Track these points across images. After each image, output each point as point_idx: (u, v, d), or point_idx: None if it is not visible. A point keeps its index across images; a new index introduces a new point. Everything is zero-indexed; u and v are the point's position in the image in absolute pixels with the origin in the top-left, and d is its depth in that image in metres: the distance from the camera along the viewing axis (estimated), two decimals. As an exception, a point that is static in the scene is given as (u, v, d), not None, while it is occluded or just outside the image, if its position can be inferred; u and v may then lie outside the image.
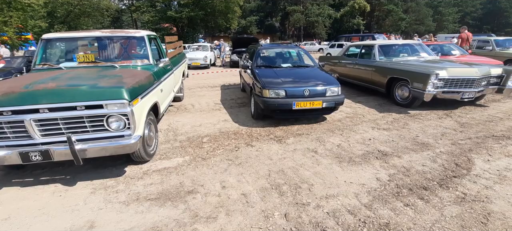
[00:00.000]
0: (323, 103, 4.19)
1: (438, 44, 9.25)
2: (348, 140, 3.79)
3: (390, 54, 6.40)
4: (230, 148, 3.62)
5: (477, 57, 7.83)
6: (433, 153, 3.28)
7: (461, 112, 4.91)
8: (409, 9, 50.18)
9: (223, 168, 3.08)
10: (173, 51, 5.62)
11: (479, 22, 52.69)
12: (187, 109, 5.71)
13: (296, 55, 5.79)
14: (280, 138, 3.94)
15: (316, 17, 41.08)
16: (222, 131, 4.33)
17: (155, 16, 27.48)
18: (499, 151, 3.24)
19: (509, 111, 4.89)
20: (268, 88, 4.24)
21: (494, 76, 5.02)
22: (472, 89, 4.81)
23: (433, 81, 4.61)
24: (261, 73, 4.82)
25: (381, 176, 2.78)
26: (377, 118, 4.79)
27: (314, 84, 4.34)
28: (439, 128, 4.14)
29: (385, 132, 4.05)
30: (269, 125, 4.52)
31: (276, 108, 4.22)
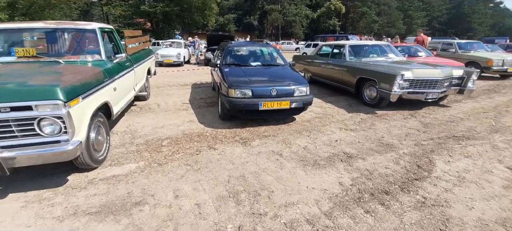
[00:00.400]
0: (291, 104, 4.06)
1: (406, 45, 9.56)
2: (315, 141, 3.68)
3: (360, 55, 6.45)
4: (190, 152, 3.37)
5: (441, 59, 8.16)
6: (397, 154, 3.26)
7: (425, 112, 5.02)
8: (382, 12, 52.27)
9: (180, 175, 2.83)
10: (135, 47, 5.22)
11: (445, 26, 56.16)
12: (151, 109, 5.35)
13: (267, 54, 5.63)
14: (245, 140, 3.74)
15: (294, 17, 41.46)
16: (186, 132, 4.05)
17: (128, 11, 26.16)
18: (458, 152, 3.29)
19: (469, 112, 5.07)
20: (234, 88, 4.03)
21: (456, 77, 5.19)
22: (436, 90, 4.92)
23: (398, 82, 4.66)
24: (229, 72, 4.60)
25: (344, 180, 2.68)
26: (346, 118, 4.75)
27: (282, 84, 4.19)
28: (404, 128, 4.17)
29: (352, 133, 4.00)
30: (236, 126, 4.31)
31: (242, 109, 4.02)
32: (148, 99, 6.16)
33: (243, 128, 4.21)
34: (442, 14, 56.31)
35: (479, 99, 6.13)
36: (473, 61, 8.99)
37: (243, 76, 4.36)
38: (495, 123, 4.36)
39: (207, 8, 29.75)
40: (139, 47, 5.46)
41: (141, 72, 5.26)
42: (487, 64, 8.59)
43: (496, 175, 2.77)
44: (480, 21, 54.66)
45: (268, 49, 5.71)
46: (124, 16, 26.32)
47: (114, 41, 4.26)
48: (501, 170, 2.86)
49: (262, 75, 4.58)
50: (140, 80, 5.27)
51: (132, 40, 5.12)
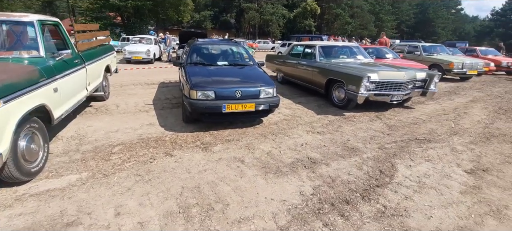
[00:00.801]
0: (257, 106, 3.88)
1: (375, 47, 9.80)
2: (280, 146, 3.53)
3: (330, 56, 6.43)
4: (144, 160, 3.06)
5: (407, 61, 8.45)
6: (361, 158, 3.19)
7: (390, 114, 5.08)
8: (355, 15, 54.13)
9: (127, 187, 2.52)
10: (89, 43, 4.75)
11: (412, 30, 59.41)
12: (109, 111, 4.91)
13: (235, 53, 5.40)
14: (207, 145, 3.50)
15: (271, 16, 41.58)
16: (142, 137, 3.72)
17: (96, 4, 24.54)
18: (420, 155, 3.30)
19: (431, 113, 5.22)
20: (195, 89, 3.76)
21: (419, 80, 5.32)
22: (400, 92, 5.00)
23: (365, 83, 4.66)
24: (192, 71, 4.31)
25: (305, 189, 2.54)
26: (314, 120, 4.67)
27: (248, 85, 4.00)
28: (369, 131, 4.16)
29: (319, 136, 3.91)
30: (199, 129, 4.05)
31: (205, 112, 3.78)
32: (107, 99, 5.68)
33: (207, 132, 3.96)
34: (410, 18, 59.51)
35: (441, 100, 6.38)
36: (436, 63, 9.43)
37: (207, 77, 4.10)
38: (454, 125, 4.50)
39: (182, 4, 28.85)
40: (93, 43, 4.98)
41: (96, 71, 4.81)
42: (448, 67, 9.04)
43: (454, 179, 2.79)
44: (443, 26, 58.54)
45: (237, 48, 5.49)
46: (91, 9, 24.69)
47: (61, 36, 3.80)
48: (459, 174, 2.88)
49: (228, 75, 4.36)
50: (95, 79, 4.81)
51: (84, 35, 4.64)
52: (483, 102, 6.37)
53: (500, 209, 2.33)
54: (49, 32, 3.75)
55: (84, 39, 4.55)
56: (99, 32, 5.59)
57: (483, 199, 2.47)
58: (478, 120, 4.90)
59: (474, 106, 5.94)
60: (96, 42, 5.09)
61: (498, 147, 3.69)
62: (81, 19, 25.03)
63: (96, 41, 5.10)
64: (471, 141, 3.82)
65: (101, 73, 5.14)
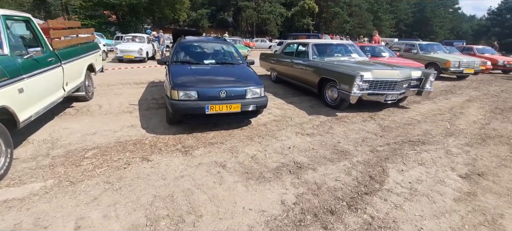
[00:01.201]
0: (243, 107, 3.67)
1: (371, 46, 9.62)
2: (266, 149, 3.33)
3: (323, 54, 6.24)
4: (117, 165, 2.85)
5: (403, 60, 8.27)
6: (350, 163, 3.00)
7: (384, 114, 4.90)
8: (353, 13, 54.01)
9: (93, 196, 2.31)
10: (67, 40, 4.52)
11: (410, 29, 59.36)
12: (90, 112, 4.69)
13: (223, 51, 5.19)
14: (188, 148, 3.30)
15: (268, 15, 41.32)
16: (121, 140, 3.51)
17: (89, 1, 24.20)
18: (413, 159, 3.11)
19: (426, 113, 5.04)
20: (177, 89, 3.55)
21: (414, 78, 5.13)
22: (395, 91, 4.82)
23: (358, 83, 4.47)
24: (175, 70, 4.10)
25: (287, 197, 2.34)
26: (305, 121, 4.48)
27: (233, 85, 3.79)
28: (362, 132, 3.97)
29: (308, 138, 3.71)
30: (183, 131, 3.84)
31: (187, 113, 3.57)
32: (91, 99, 5.46)
33: (190, 134, 3.75)
34: (408, 17, 59.47)
35: (437, 100, 6.20)
36: (433, 62, 9.26)
37: (191, 76, 3.89)
38: (450, 125, 4.32)
39: (178, 2, 28.52)
40: (73, 40, 4.74)
41: (76, 69, 4.58)
42: (445, 66, 8.88)
43: (448, 184, 2.60)
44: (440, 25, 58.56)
45: (225, 46, 5.27)
46: (85, 7, 24.34)
47: (33, 32, 3.57)
48: (453, 179, 2.70)
49: (213, 74, 4.15)
50: (75, 78, 4.58)
51: (60, 33, 4.41)
52: (480, 102, 6.20)
53: (495, 218, 2.15)
54: (24, 29, 3.53)
55: (62, 36, 4.32)
56: (81, 30, 5.36)
57: (478, 207, 2.29)
58: (474, 120, 4.73)
59: (470, 105, 5.77)
60: (76, 40, 4.86)
61: (494, 149, 3.51)
62: (74, 17, 24.70)
63: (76, 39, 4.86)
64: (467, 143, 3.63)
65: (82, 73, 4.92)
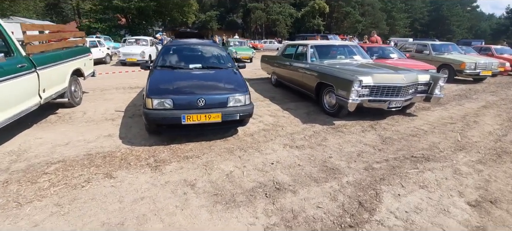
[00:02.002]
0: (223, 116, 3.33)
1: (380, 46, 9.08)
2: (246, 165, 2.98)
3: (323, 56, 5.81)
4: (76, 183, 2.58)
5: (413, 62, 7.71)
6: (339, 184, 2.60)
7: (387, 123, 4.42)
8: (366, 13, 52.75)
9: (34, 223, 2.04)
10: (46, 45, 4.33)
11: (426, 28, 57.39)
12: (72, 119, 4.48)
13: (212, 55, 4.87)
14: (160, 162, 2.99)
15: (277, 16, 40.85)
16: (91, 152, 3.25)
17: (99, 5, 24.63)
18: (414, 180, 2.67)
19: (435, 122, 4.53)
20: (151, 97, 3.26)
21: (422, 83, 4.64)
22: (399, 98, 4.34)
23: (356, 88, 4.03)
24: (155, 76, 3.82)
25: (255, 229, 1.98)
26: (297, 130, 4.08)
27: (214, 92, 3.47)
28: (359, 145, 3.54)
29: (296, 152, 3.33)
30: (161, 141, 3.54)
31: (161, 123, 3.27)
32: (79, 105, 5.27)
33: (168, 145, 3.45)
34: (423, 16, 57.50)
35: (449, 106, 5.63)
36: (447, 63, 8.61)
37: (170, 82, 3.59)
38: (461, 137, 3.81)
39: (186, 5, 28.62)
40: (54, 45, 4.55)
41: (57, 75, 4.39)
42: (459, 68, 8.22)
43: (453, 215, 2.16)
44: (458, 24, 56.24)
45: (215, 49, 4.96)
46: (95, 11, 24.79)
47: (2, 37, 3.38)
48: (460, 208, 2.25)
49: (195, 80, 3.84)
50: (56, 84, 4.40)
51: (36, 37, 4.22)
52: (497, 108, 5.58)
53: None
54: None
55: (40, 40, 4.13)
56: (66, 32, 5.18)
57: (491, 248, 1.85)
58: (490, 130, 4.18)
59: (486, 113, 5.18)
60: (58, 44, 4.67)
61: (511, 167, 3.01)
62: (85, 21, 25.21)
63: (58, 43, 4.67)
64: (480, 159, 3.14)
65: (66, 78, 4.73)
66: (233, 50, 14.83)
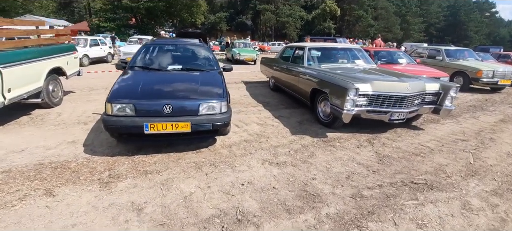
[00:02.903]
0: (193, 126, 2.91)
1: (387, 50, 8.49)
2: (211, 185, 2.54)
3: (321, 60, 5.32)
4: (8, 200, 2.21)
5: (424, 68, 7.08)
6: (316, 217, 2.12)
7: (388, 138, 3.89)
8: (379, 17, 51.58)
9: None
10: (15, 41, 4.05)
11: (442, 33, 55.57)
12: (43, 121, 4.18)
13: (194, 55, 4.46)
14: (114, 178, 2.59)
15: (287, 18, 40.39)
16: (44, 162, 2.89)
17: (109, 4, 24.84)
18: (410, 216, 2.16)
19: (444, 138, 3.95)
20: (111, 102, 2.88)
21: (430, 93, 4.07)
22: (402, 109, 3.80)
23: (351, 97, 3.53)
24: (123, 78, 3.45)
25: (192, 282, 1.54)
26: (283, 143, 3.61)
27: (183, 98, 3.05)
28: (350, 164, 3.04)
29: (275, 170, 2.86)
30: (126, 151, 3.16)
31: (121, 132, 2.88)
32: (57, 106, 4.98)
33: (132, 156, 3.05)
34: (439, 20, 55.74)
35: (461, 119, 5.01)
36: (461, 71, 7.92)
37: (137, 85, 3.19)
38: (473, 159, 3.23)
39: (195, 6, 28.54)
40: (26, 41, 4.26)
41: (28, 74, 4.09)
42: (476, 75, 7.51)
43: (459, 272, 1.65)
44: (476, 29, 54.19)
45: (200, 50, 4.55)
46: (105, 10, 25.02)
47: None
48: (469, 261, 1.73)
49: (168, 83, 3.43)
50: (28, 83, 4.10)
51: (4, 32, 3.94)
52: (519, 123, 4.93)
53: None
54: None
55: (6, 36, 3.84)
56: (44, 31, 4.90)
57: None
58: (509, 151, 3.58)
59: (504, 129, 4.55)
60: (31, 41, 4.38)
61: (539, 201, 2.44)
62: (95, 20, 25.48)
63: (30, 40, 4.39)
64: (495, 190, 2.58)
65: (40, 77, 4.43)
66: (236, 52, 14.46)
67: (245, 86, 8.09)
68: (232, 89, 7.41)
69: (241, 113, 5.00)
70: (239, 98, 6.27)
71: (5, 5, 20.93)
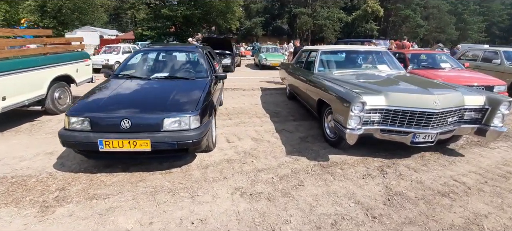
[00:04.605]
0: (153, 144, 2.50)
1: (429, 53, 7.25)
2: (154, 221, 2.07)
3: (335, 65, 4.59)
4: None
5: (473, 74, 5.78)
6: None
7: (409, 166, 3.02)
8: (430, 16, 46.86)
9: None
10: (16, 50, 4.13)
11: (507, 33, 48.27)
12: (40, 129, 4.21)
13: (183, 63, 4.10)
14: (57, 201, 2.30)
15: (324, 20, 38.76)
16: (8, 175, 2.76)
17: (150, 14, 26.52)
18: None
19: (490, 172, 2.93)
20: (68, 115, 2.63)
21: (472, 108, 3.10)
22: (429, 129, 2.92)
23: (356, 113, 2.79)
24: (96, 87, 3.22)
25: None
26: (271, 166, 3.02)
27: (145, 111, 2.67)
28: (345, 203, 2.32)
29: (243, 204, 2.29)
30: (94, 167, 2.89)
31: (75, 148, 2.61)
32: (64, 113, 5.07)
33: (95, 174, 2.77)
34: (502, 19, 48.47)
35: (523, 142, 3.81)
36: (527, 78, 6.33)
37: (104, 96, 2.92)
38: (532, 209, 2.25)
39: (229, 12, 28.98)
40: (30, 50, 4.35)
41: (28, 82, 4.16)
42: (548, 84, 5.92)
43: None
44: (554, 27, 45.79)
45: (192, 56, 4.19)
46: (147, 19, 26.74)
47: None
48: None
49: (139, 94, 3.10)
50: (25, 91, 4.15)
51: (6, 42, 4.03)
52: None
53: None
54: None
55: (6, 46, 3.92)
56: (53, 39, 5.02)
57: None
58: None
59: None
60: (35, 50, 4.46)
61: None
62: (138, 29, 27.38)
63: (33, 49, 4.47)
64: None
65: (43, 85, 4.50)
66: (263, 57, 14.05)
67: (261, 93, 7.58)
68: (245, 97, 6.97)
69: (240, 125, 4.50)
70: (247, 107, 5.78)
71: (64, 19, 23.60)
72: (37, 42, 4.70)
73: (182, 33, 28.85)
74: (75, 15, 24.10)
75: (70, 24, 23.87)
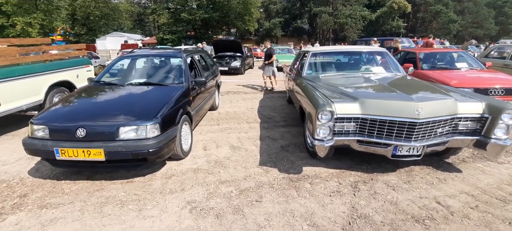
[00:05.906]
0: (107, 154, 2.45)
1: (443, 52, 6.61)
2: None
3: (324, 68, 4.30)
4: None
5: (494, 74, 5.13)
6: None
7: (389, 182, 2.67)
8: (465, 10, 43.44)
9: None
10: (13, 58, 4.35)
11: (557, 26, 43.30)
12: (34, 133, 4.39)
13: (161, 68, 4.04)
14: (14, 208, 2.35)
15: (346, 19, 37.40)
16: (-18, 180, 2.87)
17: (170, 18, 27.38)
18: None
19: (486, 192, 2.50)
20: (31, 122, 2.67)
21: (468, 117, 2.68)
22: (412, 142, 2.56)
23: (323, 122, 2.53)
24: (69, 95, 3.27)
25: None
26: (236, 178, 2.84)
27: (100, 118, 2.63)
28: (298, 226, 2.08)
29: (187, 221, 2.15)
30: (64, 173, 2.93)
31: (36, 156, 2.64)
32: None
33: (61, 181, 2.81)
34: (553, 10, 43.52)
35: (542, 155, 3.25)
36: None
37: (71, 103, 2.94)
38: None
39: (247, 14, 29.04)
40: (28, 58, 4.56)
41: (23, 88, 4.37)
42: None
43: None
44: None
45: (172, 62, 4.12)
46: (167, 24, 27.64)
47: None
48: None
49: (108, 102, 3.08)
50: (22, 97, 4.37)
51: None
52: None
53: None
54: None
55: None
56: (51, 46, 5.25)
57: None
58: None
59: None
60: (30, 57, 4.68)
61: None
62: (160, 33, 28.41)
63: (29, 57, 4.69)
64: None
65: (40, 91, 4.71)
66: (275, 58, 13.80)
67: (263, 97, 7.39)
68: (245, 100, 6.83)
69: (225, 131, 4.37)
70: (241, 112, 5.63)
71: (92, 26, 25.15)
72: (34, 50, 4.95)
73: (201, 36, 29.45)
74: (102, 22, 25.60)
75: (98, 31, 25.39)
